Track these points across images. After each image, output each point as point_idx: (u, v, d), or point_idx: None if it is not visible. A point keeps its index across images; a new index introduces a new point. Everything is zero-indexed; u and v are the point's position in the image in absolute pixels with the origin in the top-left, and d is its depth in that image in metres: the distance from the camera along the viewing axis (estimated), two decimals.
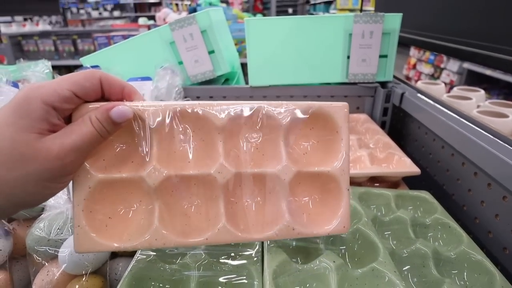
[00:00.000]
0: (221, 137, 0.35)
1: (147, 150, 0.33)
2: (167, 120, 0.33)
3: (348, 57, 0.80)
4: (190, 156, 0.35)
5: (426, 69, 3.98)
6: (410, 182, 0.66)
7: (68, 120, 0.30)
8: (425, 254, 0.43)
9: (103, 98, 0.32)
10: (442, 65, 3.75)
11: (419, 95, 0.75)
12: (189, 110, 0.34)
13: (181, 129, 0.34)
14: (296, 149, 0.38)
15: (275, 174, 0.36)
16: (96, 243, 0.31)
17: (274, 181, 0.36)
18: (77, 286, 0.41)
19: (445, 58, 3.69)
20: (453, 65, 3.56)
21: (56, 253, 0.44)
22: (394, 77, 0.88)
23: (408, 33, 1.11)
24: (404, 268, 0.42)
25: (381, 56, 0.80)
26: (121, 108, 0.30)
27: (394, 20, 0.77)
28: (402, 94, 0.77)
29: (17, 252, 0.48)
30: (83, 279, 0.42)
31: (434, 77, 3.72)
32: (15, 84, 0.71)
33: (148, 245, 0.32)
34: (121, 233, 0.33)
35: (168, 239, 0.33)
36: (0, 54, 2.50)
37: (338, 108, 0.37)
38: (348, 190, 0.37)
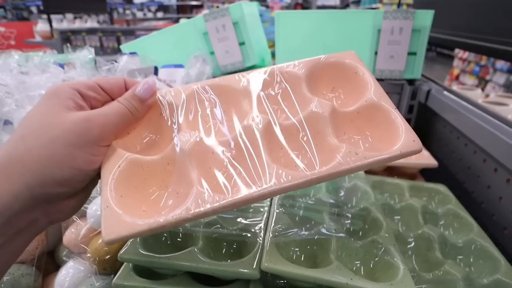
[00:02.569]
0: (247, 99, 0.36)
1: (175, 125, 0.34)
2: (192, 96, 0.36)
3: (376, 53, 0.81)
4: (220, 120, 0.35)
5: (470, 80, 3.81)
6: (431, 180, 0.65)
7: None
8: (431, 238, 0.44)
9: None
10: (487, 77, 3.58)
11: (445, 92, 0.74)
12: (210, 83, 0.37)
13: (206, 101, 0.36)
14: (326, 100, 0.37)
15: (312, 112, 0.34)
16: (126, 225, 0.27)
17: (315, 121, 0.34)
18: (100, 240, 0.46)
19: (491, 69, 3.52)
20: (500, 77, 3.39)
21: (85, 209, 0.49)
22: (424, 76, 0.87)
23: (451, 35, 1.08)
24: (408, 248, 0.43)
25: (410, 54, 0.80)
26: (145, 83, 0.33)
27: (425, 17, 0.76)
28: (429, 91, 0.77)
29: None
30: None
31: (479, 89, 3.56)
32: (60, 65, 0.79)
33: (193, 211, 0.28)
34: (155, 213, 0.29)
35: (214, 199, 0.28)
36: (51, 47, 2.68)
37: (345, 54, 0.38)
38: (395, 109, 0.34)
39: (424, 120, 0.84)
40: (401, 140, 0.31)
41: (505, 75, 3.30)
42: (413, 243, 0.44)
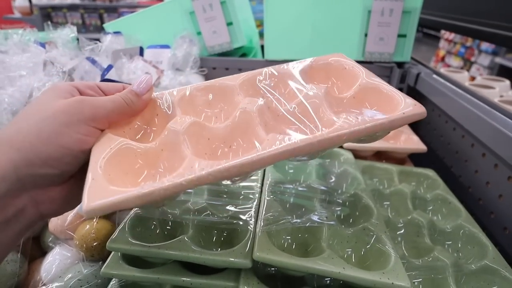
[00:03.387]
0: (240, 94, 0.37)
1: (170, 117, 0.34)
2: (189, 95, 0.36)
3: (366, 34, 0.80)
4: (216, 113, 0.37)
5: (456, 62, 3.84)
6: (418, 164, 0.66)
7: None
8: (420, 224, 0.44)
9: None
10: (472, 59, 3.61)
11: (435, 76, 0.74)
12: (204, 85, 0.37)
13: (202, 98, 0.37)
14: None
15: (307, 95, 0.34)
16: (112, 192, 0.25)
17: (312, 103, 0.34)
18: (88, 226, 0.44)
19: (476, 51, 3.55)
20: (485, 59, 3.43)
21: None
22: (412, 58, 0.86)
23: (439, 17, 1.07)
24: (397, 234, 0.43)
25: (399, 36, 0.79)
26: (141, 79, 0.33)
27: None
28: (418, 75, 0.76)
29: None
30: (94, 221, 0.45)
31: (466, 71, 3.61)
32: (42, 44, 0.75)
33: (186, 177, 0.25)
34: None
35: (209, 163, 0.26)
36: (31, 25, 2.58)
37: (332, 55, 0.40)
38: (389, 85, 0.34)
39: None
40: (402, 105, 0.31)
41: (490, 57, 3.34)
42: (402, 229, 0.44)
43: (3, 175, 0.25)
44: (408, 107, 0.30)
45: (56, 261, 0.43)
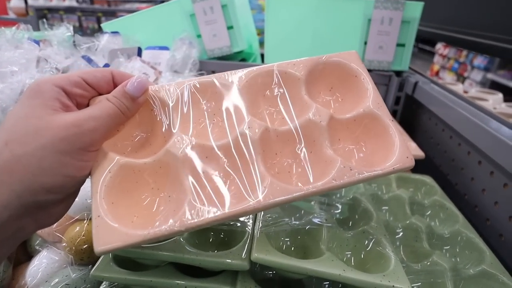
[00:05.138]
0: (242, 100, 0.34)
1: (167, 124, 0.33)
2: (185, 94, 0.34)
3: (365, 43, 0.80)
4: (212, 126, 0.34)
5: (449, 77, 3.91)
6: (415, 172, 0.66)
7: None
8: (419, 229, 0.44)
9: None
10: (465, 74, 3.67)
11: (432, 85, 0.74)
12: (204, 81, 0.34)
13: (200, 99, 0.34)
14: (323, 103, 0.37)
15: (309, 120, 0.33)
16: (119, 236, 0.26)
17: (311, 129, 0.33)
18: (77, 228, 0.43)
19: (469, 67, 3.61)
20: (477, 74, 3.49)
21: None
22: (410, 68, 0.87)
23: (435, 28, 1.08)
24: (396, 238, 0.43)
25: (398, 45, 0.80)
26: (136, 80, 0.30)
27: (415, 9, 0.76)
28: (416, 83, 0.77)
29: None
30: (84, 222, 0.44)
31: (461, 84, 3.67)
32: (36, 41, 0.74)
33: (187, 223, 0.27)
34: (149, 222, 0.28)
35: (205, 211, 0.28)
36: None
37: (346, 54, 0.37)
38: (392, 121, 0.34)
39: (410, 112, 0.84)
40: (395, 156, 0.31)
41: (482, 73, 3.40)
42: (401, 234, 0.44)
43: (5, 204, 0.24)
44: (401, 159, 0.31)
45: (43, 264, 0.42)
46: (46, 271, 0.41)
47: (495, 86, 3.12)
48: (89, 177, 0.29)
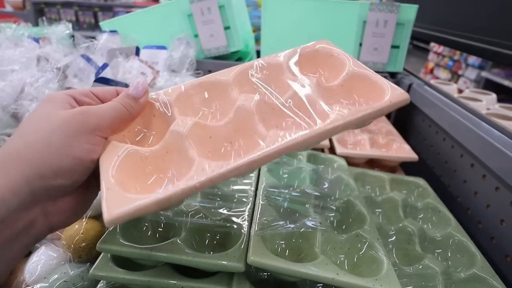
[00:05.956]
0: (235, 90, 0.37)
1: (169, 117, 0.35)
2: (184, 93, 0.36)
3: (360, 44, 0.81)
4: (213, 110, 0.37)
5: (444, 74, 3.92)
6: (409, 173, 0.67)
7: None
8: (411, 232, 0.45)
9: None
10: (460, 72, 3.69)
11: (426, 87, 0.75)
12: (198, 81, 0.37)
13: (197, 96, 0.37)
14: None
15: (298, 87, 0.35)
16: (131, 200, 0.26)
17: (303, 93, 0.35)
18: (76, 226, 0.44)
19: (463, 65, 3.63)
20: (471, 72, 3.51)
21: None
22: (405, 69, 0.88)
23: (430, 30, 1.09)
24: (389, 241, 0.44)
25: (393, 47, 0.80)
26: (136, 83, 0.34)
27: (409, 11, 0.77)
28: (410, 85, 0.78)
29: None
30: (83, 220, 0.45)
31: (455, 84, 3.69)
32: (35, 40, 0.74)
33: (198, 179, 0.27)
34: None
35: (219, 164, 0.28)
36: (24, 20, 2.55)
37: (318, 42, 0.41)
38: (376, 74, 0.35)
39: (404, 114, 0.85)
40: (388, 94, 0.32)
41: (476, 71, 3.42)
42: (394, 237, 0.44)
43: (15, 189, 0.25)
44: (394, 94, 0.32)
45: (41, 261, 0.42)
46: (44, 267, 0.41)
47: (489, 84, 3.14)
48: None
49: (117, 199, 0.26)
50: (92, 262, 0.36)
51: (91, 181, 0.31)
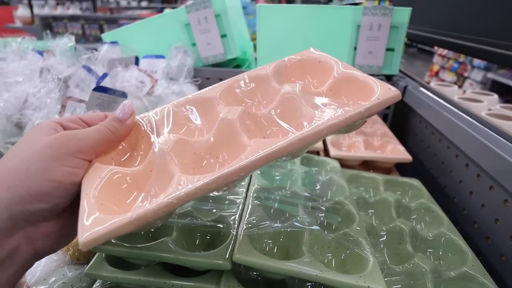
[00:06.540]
0: (221, 104, 0.37)
1: (155, 136, 0.35)
2: (170, 112, 0.37)
3: (355, 48, 0.82)
4: (200, 126, 0.37)
5: (449, 77, 3.89)
6: (406, 174, 0.67)
7: None
8: (403, 231, 0.45)
9: None
10: (465, 74, 3.66)
11: (421, 89, 0.76)
12: (184, 100, 0.38)
13: (184, 113, 0.37)
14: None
15: (285, 93, 0.35)
16: (104, 221, 0.25)
17: (289, 100, 0.35)
18: None
19: (469, 66, 3.60)
20: (477, 74, 3.47)
21: None
22: (401, 71, 0.89)
23: (430, 33, 1.09)
24: (380, 241, 0.44)
25: (388, 50, 0.81)
26: (123, 105, 0.34)
27: (403, 14, 0.78)
28: (405, 87, 0.78)
29: None
30: None
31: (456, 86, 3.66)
32: (39, 53, 0.77)
33: (174, 194, 0.26)
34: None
35: (195, 178, 0.27)
36: (31, 34, 2.61)
37: (304, 52, 0.41)
38: (364, 74, 0.35)
39: (401, 116, 0.86)
40: (378, 91, 0.31)
41: (482, 72, 3.39)
42: (385, 237, 0.45)
43: None
44: (383, 91, 0.31)
45: (41, 264, 0.43)
46: (44, 269, 0.43)
47: (496, 85, 3.11)
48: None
49: (93, 221, 0.25)
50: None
51: (77, 205, 0.30)
